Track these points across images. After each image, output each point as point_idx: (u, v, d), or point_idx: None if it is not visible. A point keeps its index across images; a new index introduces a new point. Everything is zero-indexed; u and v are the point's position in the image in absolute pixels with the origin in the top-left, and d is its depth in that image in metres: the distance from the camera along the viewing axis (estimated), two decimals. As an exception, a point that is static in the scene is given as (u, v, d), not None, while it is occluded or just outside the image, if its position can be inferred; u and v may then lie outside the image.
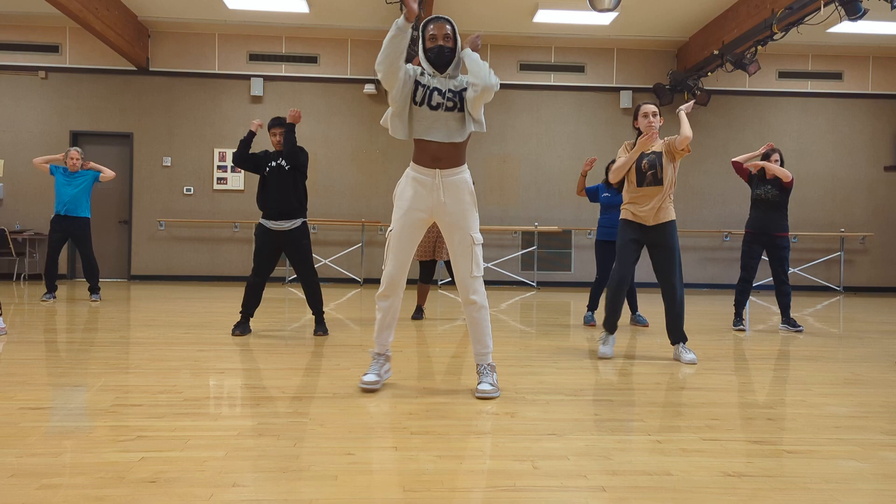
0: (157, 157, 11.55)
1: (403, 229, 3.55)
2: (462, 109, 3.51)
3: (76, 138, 11.41)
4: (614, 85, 12.17)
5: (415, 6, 3.23)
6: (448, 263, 6.72)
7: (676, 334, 4.81)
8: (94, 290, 8.07)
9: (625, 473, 2.43)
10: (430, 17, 3.53)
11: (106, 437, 2.71)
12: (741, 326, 6.52)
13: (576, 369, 4.38)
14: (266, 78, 11.61)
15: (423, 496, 2.18)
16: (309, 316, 6.99)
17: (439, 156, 3.49)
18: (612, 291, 4.86)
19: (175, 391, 3.54)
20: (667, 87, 11.77)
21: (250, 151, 5.57)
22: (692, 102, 4.92)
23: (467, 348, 5.10)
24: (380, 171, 11.65)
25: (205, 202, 11.59)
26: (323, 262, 11.45)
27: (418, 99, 3.48)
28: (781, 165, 6.53)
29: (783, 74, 12.26)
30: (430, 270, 6.82)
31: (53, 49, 11.38)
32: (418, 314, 6.87)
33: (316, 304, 5.64)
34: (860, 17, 7.73)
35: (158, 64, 11.55)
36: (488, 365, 3.65)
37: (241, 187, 11.64)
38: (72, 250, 11.38)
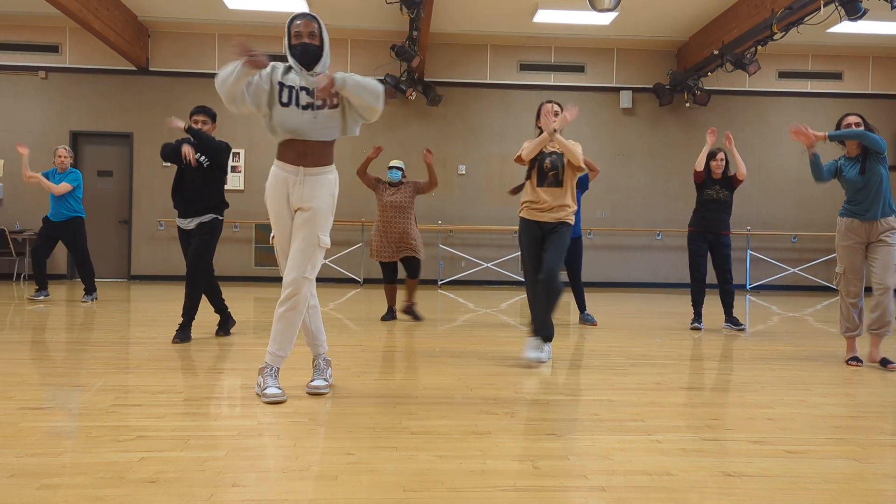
0: (156, 157, 11.52)
1: (279, 232, 3.50)
2: (334, 106, 3.41)
3: (76, 138, 11.41)
4: (614, 85, 12.16)
5: (264, 60, 3.16)
6: (405, 261, 6.63)
7: (544, 332, 4.61)
8: (88, 290, 7.97)
9: (625, 473, 2.43)
10: (297, 14, 3.42)
11: (106, 437, 2.71)
12: (697, 325, 6.53)
13: (575, 369, 4.38)
14: (266, 78, 11.59)
15: (423, 496, 2.18)
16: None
17: (305, 152, 3.41)
18: (531, 296, 4.68)
19: (175, 391, 3.54)
20: (667, 86, 11.76)
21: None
22: (573, 111, 4.66)
23: (468, 348, 5.10)
24: (380, 172, 11.61)
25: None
26: (323, 261, 11.44)
27: (285, 99, 3.37)
28: (726, 165, 6.54)
29: (783, 74, 12.26)
30: (393, 271, 6.73)
31: (53, 49, 11.37)
32: (389, 315, 6.76)
33: (207, 303, 5.40)
34: (860, 17, 7.73)
35: (158, 64, 11.55)
36: (324, 360, 3.68)
37: (241, 187, 11.64)
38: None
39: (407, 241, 6.55)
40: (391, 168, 6.69)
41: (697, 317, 6.59)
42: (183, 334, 5.16)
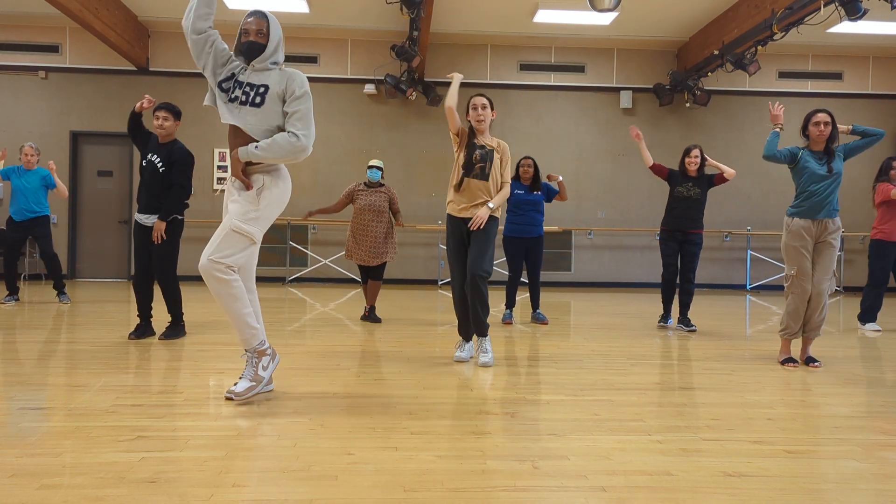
0: (157, 157, 11.53)
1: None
2: (255, 105, 3.37)
3: (76, 138, 11.41)
4: (614, 85, 12.16)
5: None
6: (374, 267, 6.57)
7: (478, 327, 4.55)
8: (60, 289, 7.82)
9: (625, 473, 2.42)
10: (251, 11, 3.45)
11: (106, 438, 2.71)
12: (666, 323, 6.56)
13: (576, 369, 4.38)
14: (266, 78, 11.59)
15: (423, 496, 2.18)
16: (308, 316, 7.00)
17: (237, 146, 3.42)
18: (457, 298, 4.63)
19: (175, 391, 3.54)
20: (667, 86, 11.76)
21: (144, 130, 5.31)
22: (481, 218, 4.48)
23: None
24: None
25: (205, 202, 11.58)
26: (323, 261, 11.44)
27: (225, 87, 3.45)
28: (702, 162, 6.48)
29: (783, 74, 12.25)
30: (368, 272, 6.64)
31: (54, 49, 11.37)
32: (368, 316, 6.68)
33: (170, 307, 5.33)
34: (860, 18, 7.73)
35: (158, 64, 11.55)
36: (254, 350, 3.44)
37: (242, 187, 11.63)
38: (71, 248, 11.37)
39: (384, 247, 6.49)
40: (371, 167, 6.57)
41: (667, 314, 6.61)
42: (169, 331, 5.30)
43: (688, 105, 11.91)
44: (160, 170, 5.19)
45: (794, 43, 11.36)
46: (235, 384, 3.40)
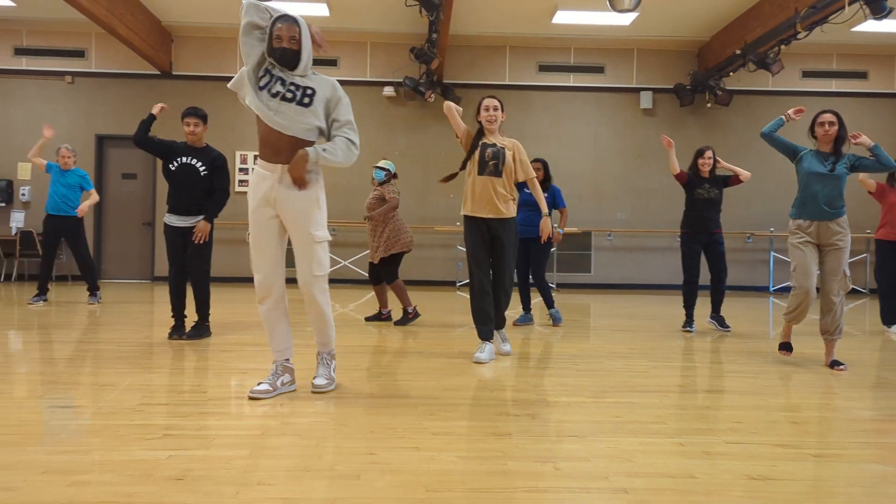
0: (180, 159, 11.67)
1: (255, 229, 3.49)
2: (303, 104, 3.37)
3: (101, 141, 11.57)
4: (634, 85, 12.11)
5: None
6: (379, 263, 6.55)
7: (498, 321, 4.80)
8: (92, 290, 7.98)
9: (647, 476, 2.42)
10: (279, 15, 3.38)
11: (133, 436, 2.75)
12: (689, 329, 6.47)
13: (596, 371, 4.37)
14: (287, 81, 11.68)
15: (445, 496, 2.19)
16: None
17: (280, 149, 3.36)
18: (477, 297, 4.68)
19: (199, 391, 3.59)
20: (688, 87, 11.69)
21: (158, 138, 5.45)
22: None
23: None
24: (400, 174, 11.66)
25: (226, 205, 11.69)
26: (342, 263, 11.50)
27: (262, 83, 3.37)
28: (714, 164, 6.53)
29: (807, 74, 12.12)
30: (376, 273, 6.64)
31: (80, 54, 11.56)
32: (375, 317, 6.73)
33: (200, 306, 5.45)
34: (885, 16, 7.64)
35: (181, 68, 11.69)
36: (328, 353, 3.69)
37: (263, 189, 11.73)
38: (97, 250, 11.53)
39: (373, 245, 6.49)
40: (375, 168, 6.66)
41: (690, 319, 6.52)
42: (198, 331, 5.42)
43: (709, 105, 11.82)
44: (202, 173, 5.32)
45: (818, 42, 11.22)
46: (315, 379, 3.62)
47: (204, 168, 5.34)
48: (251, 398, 3.39)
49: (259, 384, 3.47)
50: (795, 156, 4.90)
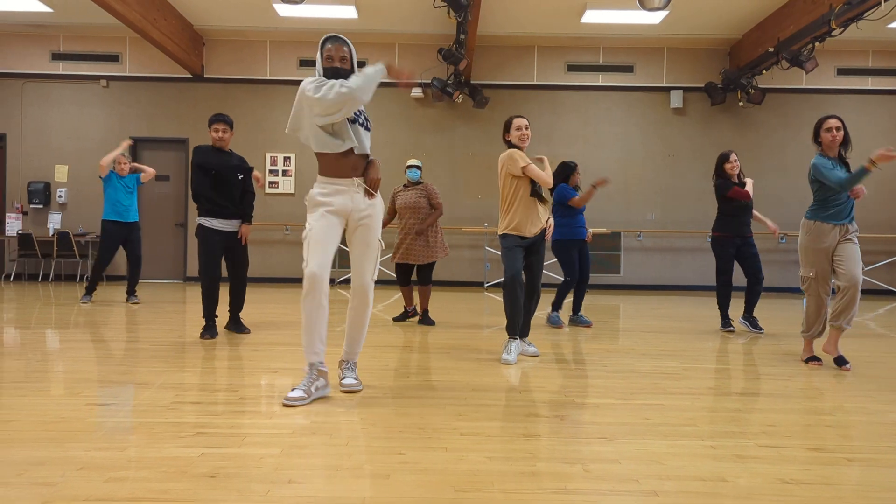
0: (211, 161, 11.83)
1: (320, 229, 3.51)
2: (363, 125, 3.66)
3: (135, 144, 11.78)
4: (664, 85, 11.99)
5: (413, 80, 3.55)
6: (418, 267, 6.60)
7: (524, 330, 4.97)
8: (132, 291, 8.20)
9: (678, 478, 2.40)
10: (328, 36, 3.62)
11: (167, 433, 2.80)
12: (731, 328, 6.51)
13: (626, 373, 4.34)
14: (316, 83, 11.78)
15: (474, 496, 2.20)
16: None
17: (357, 165, 3.62)
18: (511, 297, 4.74)
19: (231, 389, 3.64)
20: (719, 85, 11.54)
21: (199, 166, 5.47)
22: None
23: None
24: (427, 175, 11.71)
25: (257, 205, 11.80)
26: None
27: (352, 115, 3.62)
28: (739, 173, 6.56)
29: (842, 71, 11.89)
30: (407, 273, 6.67)
31: (114, 58, 11.79)
32: (402, 317, 6.75)
33: (239, 305, 5.75)
34: (924, 11, 7.46)
35: (213, 71, 11.85)
36: (354, 363, 3.83)
37: (293, 191, 11.86)
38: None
39: (426, 244, 6.49)
40: (410, 167, 6.61)
41: (726, 319, 6.56)
42: (236, 327, 5.69)
43: (741, 104, 11.66)
44: (239, 178, 5.53)
45: (854, 39, 11.02)
46: (344, 379, 3.71)
47: (240, 174, 5.57)
48: (285, 405, 3.31)
49: (293, 390, 3.41)
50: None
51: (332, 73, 3.55)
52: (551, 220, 5.10)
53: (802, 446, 2.81)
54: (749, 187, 6.49)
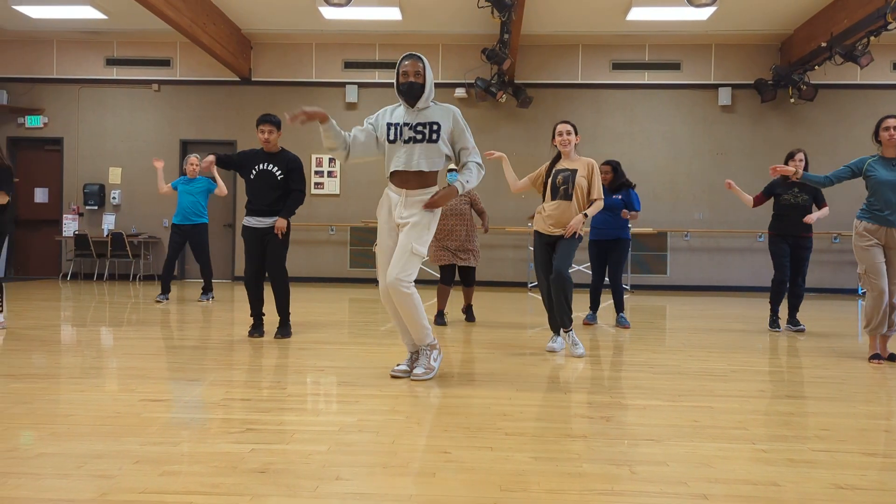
0: (258, 163, 12.05)
1: (382, 240, 3.99)
2: (432, 141, 3.88)
3: (185, 146, 12.08)
4: (712, 82, 11.77)
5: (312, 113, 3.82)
6: (461, 269, 6.73)
7: (562, 320, 4.95)
8: (206, 290, 8.44)
9: (727, 482, 2.36)
10: (406, 55, 3.92)
11: (218, 429, 2.87)
12: (778, 328, 6.44)
13: (673, 374, 4.28)
14: (360, 85, 11.92)
15: (520, 496, 2.20)
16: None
17: (407, 179, 3.91)
18: (544, 293, 5.03)
19: (279, 387, 3.71)
20: (769, 82, 11.28)
21: (232, 155, 5.68)
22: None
23: (562, 351, 5.06)
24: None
25: (302, 206, 11.99)
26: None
27: (391, 137, 3.93)
28: (806, 165, 6.36)
29: (899, 66, 11.52)
30: (451, 273, 6.67)
31: (165, 63, 12.11)
32: (440, 319, 6.67)
33: (282, 305, 5.59)
34: None
35: (260, 74, 12.07)
36: (427, 346, 4.03)
37: (337, 192, 11.99)
38: (183, 252, 12.03)
39: (466, 248, 6.55)
40: (451, 170, 6.62)
41: (775, 318, 6.48)
42: (282, 331, 5.56)
43: (792, 101, 11.38)
44: (278, 178, 5.52)
45: (911, 32, 10.64)
46: (414, 369, 3.99)
47: (280, 172, 5.53)
48: (413, 380, 3.93)
49: (412, 367, 4.05)
50: (861, 172, 4.89)
51: (406, 87, 3.86)
52: (575, 219, 4.88)
53: (858, 451, 2.73)
54: (821, 214, 6.35)
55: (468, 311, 6.87)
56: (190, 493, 2.17)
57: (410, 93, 3.88)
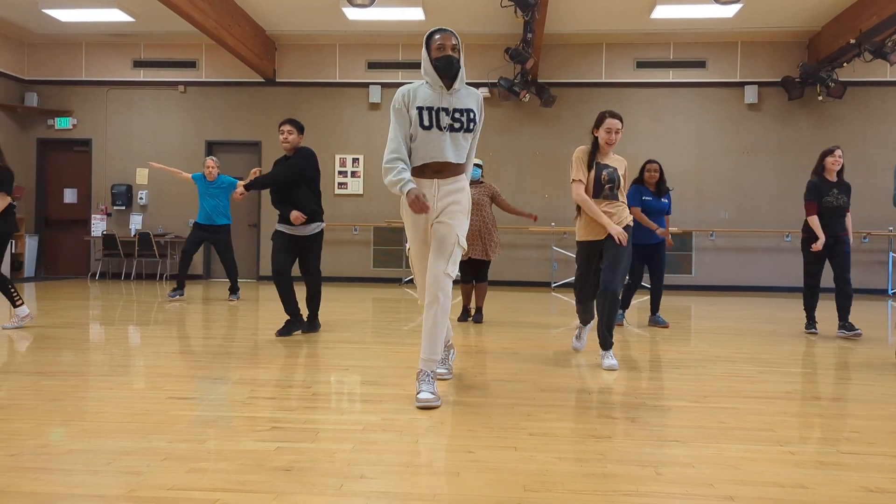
0: (282, 163, 12.14)
1: (415, 240, 3.67)
2: (469, 131, 3.53)
3: (210, 147, 12.21)
4: (738, 80, 11.64)
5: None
6: (475, 264, 6.62)
7: (604, 340, 4.51)
8: (233, 290, 8.50)
9: (755, 484, 2.33)
10: (435, 29, 3.49)
11: (244, 427, 2.90)
12: (814, 330, 6.31)
13: (699, 375, 4.24)
14: (384, 85, 11.96)
15: (544, 496, 2.19)
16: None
17: (439, 169, 3.53)
18: (579, 292, 4.83)
19: (303, 386, 3.74)
20: (797, 79, 11.12)
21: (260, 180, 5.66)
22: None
23: (583, 351, 5.04)
24: (490, 174, 11.68)
25: (326, 206, 12.07)
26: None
27: (426, 123, 3.44)
28: (842, 165, 6.16)
29: (931, 62, 11.28)
30: (468, 271, 6.63)
31: (191, 65, 12.25)
32: (464, 316, 6.71)
33: (314, 303, 5.77)
34: None
35: (284, 75, 12.16)
36: (431, 372, 3.45)
37: (361, 192, 12.05)
38: (207, 251, 12.17)
39: (483, 241, 6.48)
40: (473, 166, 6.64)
41: (812, 321, 6.37)
42: (312, 326, 5.77)
43: (820, 98, 11.20)
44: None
45: (944, 27, 10.42)
46: (419, 394, 3.43)
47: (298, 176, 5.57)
48: (439, 378, 3.91)
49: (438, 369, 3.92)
50: None
51: (444, 62, 3.41)
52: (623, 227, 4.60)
53: (889, 454, 2.69)
54: (847, 223, 6.21)
55: (477, 312, 6.76)
56: (216, 490, 2.19)
57: (449, 69, 3.41)
